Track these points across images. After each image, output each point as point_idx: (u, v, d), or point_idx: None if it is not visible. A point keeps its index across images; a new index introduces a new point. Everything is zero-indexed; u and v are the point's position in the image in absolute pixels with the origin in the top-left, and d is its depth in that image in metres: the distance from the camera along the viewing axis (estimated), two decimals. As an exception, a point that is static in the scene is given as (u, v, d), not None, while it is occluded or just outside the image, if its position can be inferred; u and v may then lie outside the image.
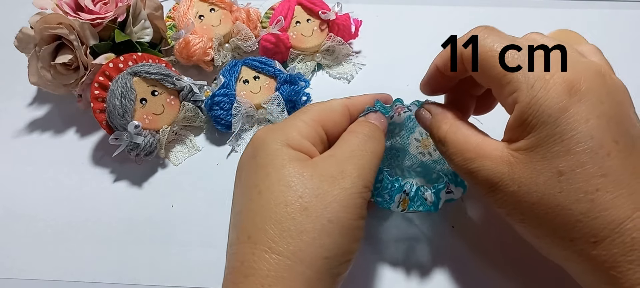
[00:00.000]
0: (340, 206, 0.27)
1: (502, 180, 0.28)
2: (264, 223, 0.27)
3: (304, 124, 0.31)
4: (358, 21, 0.49)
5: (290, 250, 0.26)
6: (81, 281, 0.37)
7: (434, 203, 0.34)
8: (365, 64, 0.49)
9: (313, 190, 0.27)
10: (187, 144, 0.44)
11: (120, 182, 0.42)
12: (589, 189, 0.26)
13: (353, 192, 0.28)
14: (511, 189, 0.27)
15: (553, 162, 0.26)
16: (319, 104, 0.33)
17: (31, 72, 0.43)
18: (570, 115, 0.26)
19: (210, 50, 0.46)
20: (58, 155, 0.44)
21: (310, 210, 0.27)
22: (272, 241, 0.26)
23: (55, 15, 0.42)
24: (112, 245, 0.39)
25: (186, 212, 0.40)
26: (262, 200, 0.28)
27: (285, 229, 0.26)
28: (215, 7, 0.48)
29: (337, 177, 0.28)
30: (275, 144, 0.29)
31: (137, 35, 0.44)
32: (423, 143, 0.37)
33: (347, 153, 0.30)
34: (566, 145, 0.26)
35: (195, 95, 0.43)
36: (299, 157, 0.29)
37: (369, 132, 0.31)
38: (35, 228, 0.40)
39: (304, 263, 0.26)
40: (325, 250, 0.26)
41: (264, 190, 0.28)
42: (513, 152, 0.28)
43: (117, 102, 0.40)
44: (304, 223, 0.26)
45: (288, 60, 0.48)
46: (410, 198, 0.34)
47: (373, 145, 0.31)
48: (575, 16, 0.52)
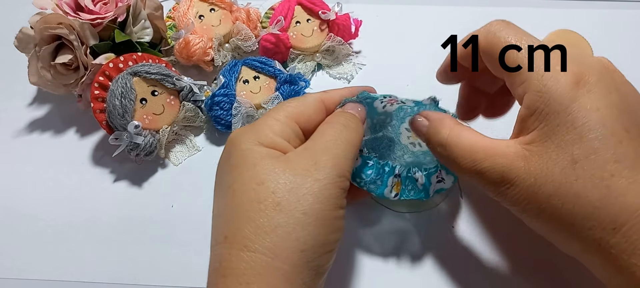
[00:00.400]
0: (314, 198, 0.27)
1: (518, 175, 0.27)
2: (239, 222, 0.27)
3: (276, 122, 0.31)
4: (358, 21, 0.49)
5: (265, 246, 0.26)
6: (81, 281, 0.37)
7: (425, 187, 0.34)
8: (365, 64, 0.49)
9: (286, 184, 0.27)
10: (187, 144, 0.44)
11: (120, 182, 0.42)
12: (604, 175, 0.26)
13: (327, 182, 0.28)
14: (528, 183, 0.27)
15: (567, 150, 0.26)
16: (292, 100, 0.33)
17: (31, 72, 0.43)
18: (580, 104, 0.26)
19: (210, 50, 0.46)
20: (58, 155, 0.44)
21: (283, 205, 0.27)
22: (247, 239, 0.26)
23: (55, 15, 0.42)
24: (112, 245, 0.39)
25: (186, 212, 0.40)
26: (236, 200, 0.28)
27: (259, 226, 0.26)
28: (215, 7, 0.48)
29: (310, 169, 0.28)
30: (247, 143, 0.29)
31: (137, 35, 0.44)
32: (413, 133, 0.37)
33: (321, 145, 0.30)
34: (579, 133, 0.26)
35: (195, 95, 0.43)
36: (271, 154, 0.29)
37: (344, 122, 0.31)
38: (35, 228, 0.40)
39: (280, 258, 0.26)
40: (301, 243, 0.26)
41: (238, 190, 0.28)
42: (526, 146, 0.28)
43: (117, 102, 0.40)
44: (278, 218, 0.27)
45: (288, 60, 0.48)
46: (402, 180, 0.34)
47: (348, 134, 0.31)
48: (575, 16, 0.52)
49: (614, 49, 0.49)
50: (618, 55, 0.49)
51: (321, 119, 0.33)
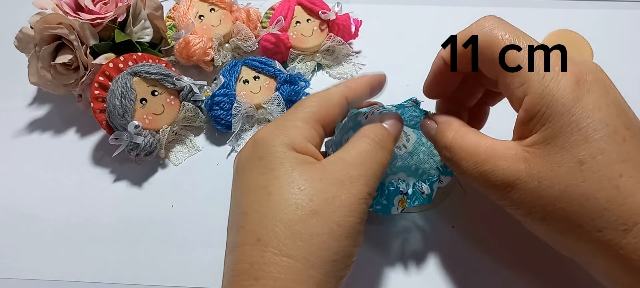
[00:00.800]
0: (347, 210, 0.28)
1: (519, 178, 0.27)
2: (274, 225, 0.27)
3: (304, 124, 0.31)
4: (358, 21, 0.49)
5: (301, 254, 0.26)
6: (81, 281, 0.37)
7: (428, 196, 0.34)
8: (365, 64, 0.49)
9: (322, 193, 0.28)
10: (187, 144, 0.44)
11: (120, 182, 0.42)
12: (613, 175, 0.25)
13: (360, 198, 0.28)
14: (531, 186, 0.27)
15: (572, 152, 0.26)
16: (316, 96, 0.32)
17: (31, 72, 0.43)
18: (583, 104, 0.26)
19: (210, 50, 0.46)
20: (58, 155, 0.44)
21: (320, 214, 0.27)
22: (283, 244, 0.26)
23: (55, 15, 0.42)
24: (112, 245, 0.39)
25: (186, 212, 0.40)
26: (271, 202, 0.28)
27: (296, 232, 0.26)
28: (215, 7, 0.48)
29: (345, 182, 0.28)
30: (280, 146, 0.29)
31: (137, 35, 0.44)
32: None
33: (357, 160, 0.30)
34: (584, 133, 0.26)
35: (195, 95, 0.43)
36: (306, 160, 0.29)
37: (380, 140, 0.31)
38: (35, 228, 0.40)
39: (314, 266, 0.26)
40: (334, 254, 0.27)
41: (274, 193, 0.28)
42: (528, 149, 0.27)
43: (117, 102, 0.40)
44: (315, 226, 0.27)
45: (288, 60, 0.48)
46: (409, 197, 0.34)
47: (382, 155, 0.31)
48: (575, 16, 0.52)
49: (613, 49, 0.50)
50: (617, 55, 0.49)
51: (343, 116, 0.33)
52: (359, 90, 0.34)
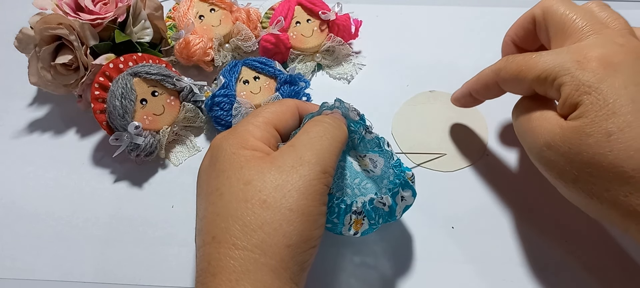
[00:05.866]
0: (299, 193, 0.28)
1: (554, 140, 0.30)
2: (227, 222, 0.27)
3: (256, 127, 0.32)
4: (358, 21, 0.49)
5: (253, 243, 0.27)
6: (81, 281, 0.37)
7: (391, 208, 0.32)
8: (365, 65, 0.49)
9: (272, 182, 0.28)
10: (187, 144, 0.44)
11: (120, 182, 0.42)
12: (637, 146, 0.27)
13: (312, 178, 0.28)
14: (563, 150, 0.29)
15: (601, 124, 0.28)
16: (270, 105, 0.34)
17: (31, 72, 0.43)
18: (609, 83, 0.29)
19: (210, 51, 0.46)
20: (58, 155, 0.44)
21: (270, 202, 0.27)
22: (236, 238, 0.27)
23: (55, 16, 0.42)
24: (112, 245, 0.39)
25: (186, 212, 0.40)
26: (223, 201, 0.28)
27: (246, 224, 0.27)
28: (216, 7, 0.48)
29: (295, 166, 0.29)
30: (231, 147, 0.30)
31: (137, 36, 0.44)
32: (362, 161, 0.36)
33: (306, 141, 0.30)
34: (611, 108, 0.28)
35: (196, 95, 0.43)
36: (256, 155, 0.30)
37: (329, 120, 0.32)
38: (35, 228, 0.40)
39: (267, 254, 0.26)
40: (288, 239, 0.27)
41: (225, 192, 0.29)
42: (564, 119, 0.30)
43: (117, 103, 0.40)
44: (264, 215, 0.27)
45: (288, 61, 0.48)
46: (367, 214, 0.32)
47: (333, 131, 0.31)
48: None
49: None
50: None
51: (296, 125, 0.34)
52: (310, 107, 0.36)
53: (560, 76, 0.30)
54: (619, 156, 0.27)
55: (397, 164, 0.33)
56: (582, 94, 0.29)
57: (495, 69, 0.35)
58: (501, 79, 0.35)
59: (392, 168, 0.33)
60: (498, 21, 0.53)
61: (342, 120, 0.34)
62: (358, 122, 0.34)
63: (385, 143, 0.34)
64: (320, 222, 0.29)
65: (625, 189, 0.27)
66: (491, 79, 0.36)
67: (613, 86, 0.29)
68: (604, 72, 0.29)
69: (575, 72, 0.30)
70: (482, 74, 0.37)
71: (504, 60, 0.35)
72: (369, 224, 0.33)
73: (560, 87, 0.31)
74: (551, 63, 0.31)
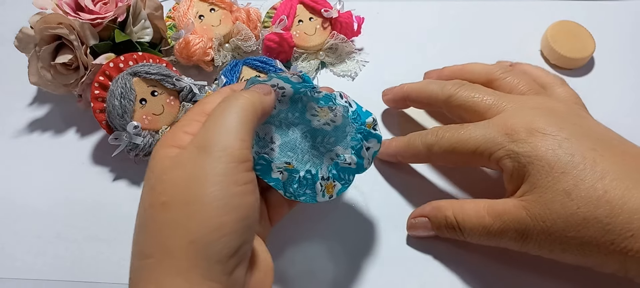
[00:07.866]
0: (197, 183, 0.26)
1: (527, 224, 0.30)
2: (136, 233, 0.27)
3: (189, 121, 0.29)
4: (360, 18, 0.49)
5: (156, 249, 0.25)
6: (81, 281, 0.37)
7: (358, 163, 0.32)
8: (368, 61, 0.49)
9: (171, 181, 0.26)
10: (187, 143, 0.44)
11: (120, 182, 0.42)
12: (599, 194, 0.28)
13: (210, 162, 0.26)
14: (539, 228, 0.30)
15: (557, 187, 0.29)
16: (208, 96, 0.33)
17: (31, 72, 0.43)
18: (544, 147, 0.30)
19: (210, 50, 0.46)
20: (58, 155, 0.44)
21: (169, 202, 0.26)
22: (143, 246, 0.26)
23: (55, 15, 0.41)
24: (112, 245, 0.39)
25: (186, 212, 0.40)
26: (139, 211, 0.28)
27: (149, 231, 0.26)
28: (216, 7, 0.48)
29: (192, 156, 0.27)
30: (156, 151, 0.28)
31: (137, 35, 0.44)
32: (322, 112, 0.35)
33: (206, 126, 0.28)
34: (558, 170, 0.29)
35: (196, 95, 0.43)
36: (169, 153, 0.28)
37: (236, 94, 0.29)
38: (35, 228, 0.40)
39: (171, 255, 0.25)
40: (190, 234, 0.25)
41: (140, 202, 0.28)
42: (521, 199, 0.31)
43: (117, 103, 0.39)
44: (164, 217, 0.26)
45: (291, 59, 0.48)
46: (334, 177, 0.32)
47: (240, 102, 0.29)
48: (575, 9, 0.52)
49: (615, 40, 0.49)
50: (618, 49, 0.49)
51: None
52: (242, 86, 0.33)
53: (494, 151, 0.32)
54: (588, 209, 0.28)
55: (355, 117, 0.32)
56: (526, 165, 0.30)
57: (426, 143, 0.36)
58: (434, 155, 0.35)
59: (351, 122, 0.32)
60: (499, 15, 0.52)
61: (261, 89, 0.31)
62: (302, 84, 0.33)
63: (337, 96, 0.33)
64: (232, 204, 0.26)
65: (610, 237, 0.28)
66: (422, 152, 0.36)
67: (549, 149, 0.30)
68: (534, 139, 0.31)
69: (509, 145, 0.31)
70: (411, 143, 0.37)
71: (433, 136, 0.35)
72: (341, 184, 0.32)
73: (499, 161, 0.32)
74: (482, 138, 0.32)
